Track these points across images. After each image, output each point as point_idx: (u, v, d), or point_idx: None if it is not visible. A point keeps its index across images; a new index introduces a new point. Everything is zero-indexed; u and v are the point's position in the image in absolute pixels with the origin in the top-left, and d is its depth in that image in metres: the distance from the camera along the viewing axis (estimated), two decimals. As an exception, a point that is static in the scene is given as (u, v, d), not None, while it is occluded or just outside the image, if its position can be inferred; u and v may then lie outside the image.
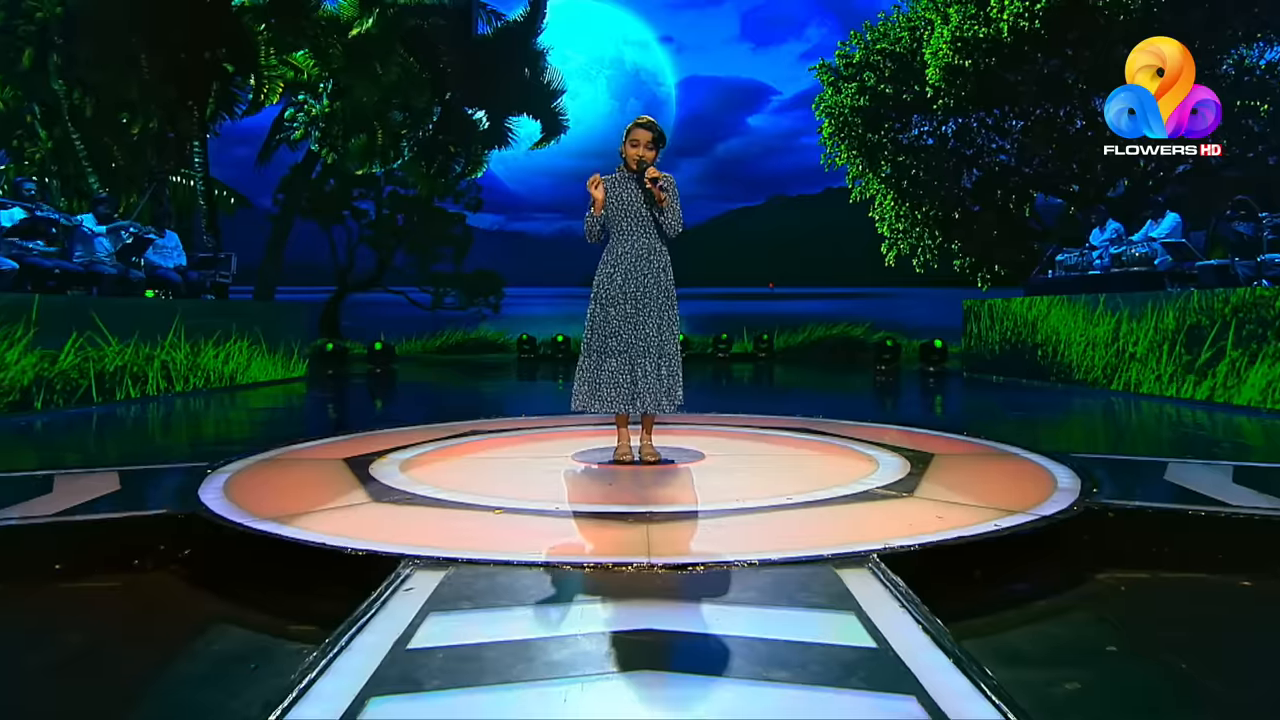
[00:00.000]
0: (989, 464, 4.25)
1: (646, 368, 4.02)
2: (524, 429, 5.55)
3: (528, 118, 18.20)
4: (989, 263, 15.72)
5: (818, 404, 8.48)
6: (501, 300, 19.64)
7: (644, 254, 4.09)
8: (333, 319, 18.17)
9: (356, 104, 15.36)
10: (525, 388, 11.16)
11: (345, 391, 10.22)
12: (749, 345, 16.28)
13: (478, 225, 20.05)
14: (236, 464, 4.21)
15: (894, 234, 16.35)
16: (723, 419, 6.01)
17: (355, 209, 18.86)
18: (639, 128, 4.06)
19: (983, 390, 9.72)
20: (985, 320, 11.19)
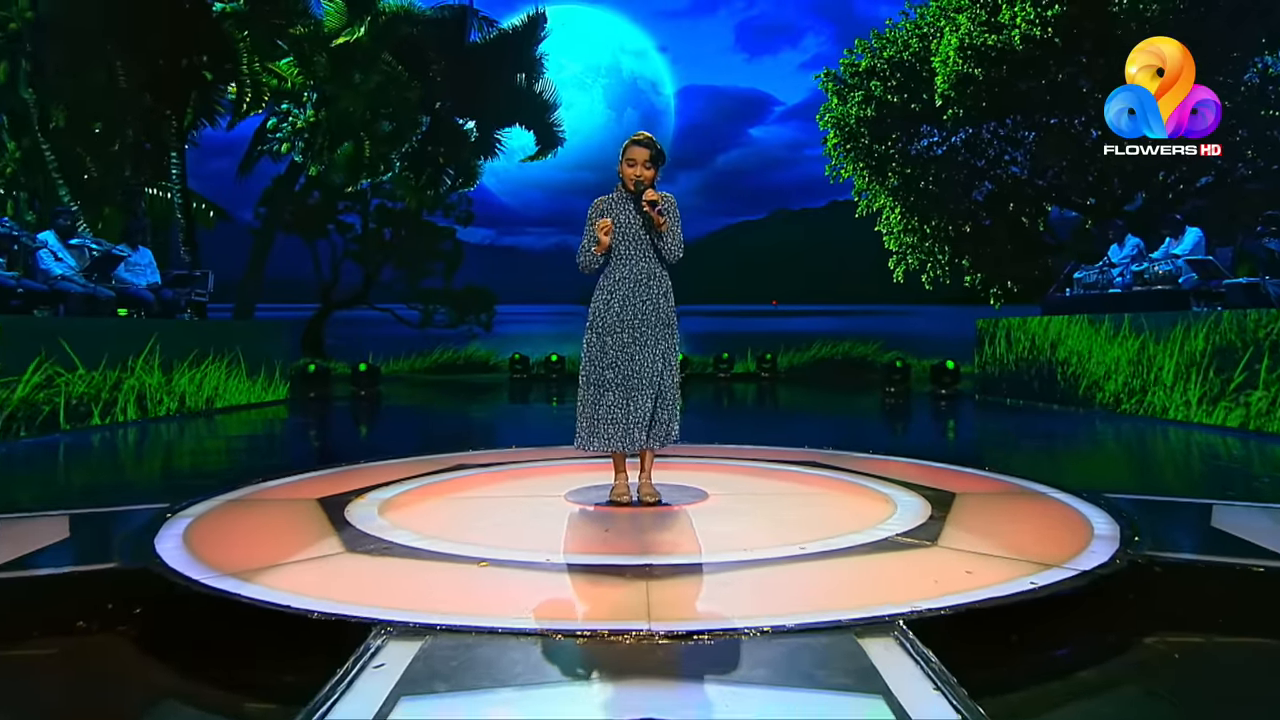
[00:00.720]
0: (1016, 506, 4.07)
1: (643, 402, 3.88)
2: (514, 462, 5.37)
3: (520, 128, 18.11)
4: (1001, 279, 15.59)
5: (825, 429, 8.36)
6: (493, 318, 19.53)
7: (643, 279, 3.95)
8: (316, 337, 18.02)
9: (342, 114, 15.24)
10: (517, 412, 10.99)
11: (327, 416, 10.04)
12: (751, 365, 16.21)
13: (468, 240, 19.99)
14: (201, 505, 4.02)
15: (902, 249, 16.21)
16: (726, 451, 5.83)
17: (340, 223, 18.74)
18: (636, 145, 3.92)
19: (998, 415, 9.57)
20: (1000, 341, 11.04)
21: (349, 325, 19.67)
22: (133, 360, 8.26)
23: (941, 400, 11.30)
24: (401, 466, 5.18)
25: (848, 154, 15.91)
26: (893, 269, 16.41)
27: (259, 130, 15.74)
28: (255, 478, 4.75)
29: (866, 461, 5.32)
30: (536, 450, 5.87)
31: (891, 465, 5.18)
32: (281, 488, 4.55)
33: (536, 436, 7.92)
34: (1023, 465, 5.60)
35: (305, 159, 15.33)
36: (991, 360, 11.23)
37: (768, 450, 5.86)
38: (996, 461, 5.72)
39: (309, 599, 2.64)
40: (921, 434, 8.43)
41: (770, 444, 6.47)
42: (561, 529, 3.64)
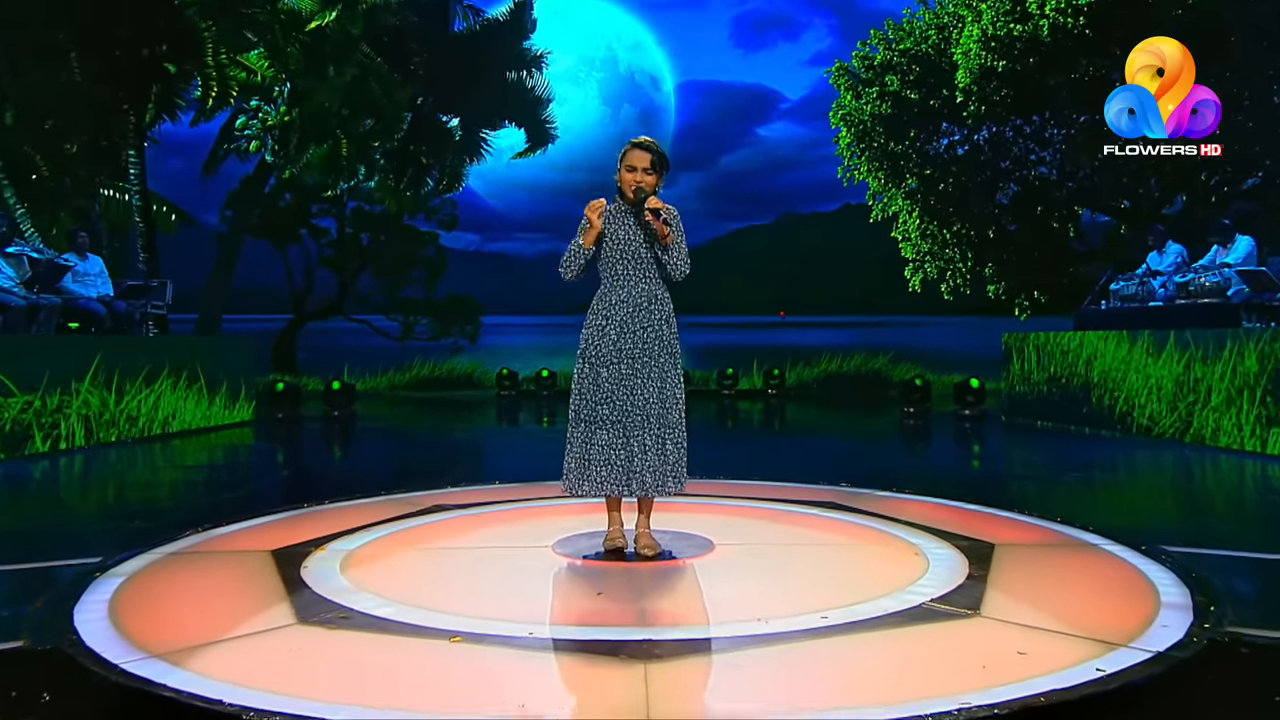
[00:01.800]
0: (1064, 562, 3.82)
1: (646, 441, 3.66)
2: (496, 503, 5.12)
3: (510, 125, 17.91)
4: (1027, 288, 15.47)
5: (839, 455, 8.20)
6: (479, 330, 19.39)
7: (642, 303, 3.74)
8: (287, 351, 17.79)
9: (316, 109, 15.02)
10: (505, 435, 10.85)
11: (295, 441, 9.84)
12: (757, 380, 16.15)
13: (452, 246, 19.88)
14: (136, 561, 3.76)
15: (920, 256, 16.13)
16: (733, 489, 5.58)
17: (314, 227, 18.54)
18: (636, 149, 3.73)
19: (1028, 439, 9.38)
20: (1029, 357, 10.84)
21: (323, 338, 19.50)
22: (78, 380, 8.00)
23: (965, 421, 11.12)
24: (370, 508, 4.93)
25: (861, 154, 15.84)
26: (909, 278, 16.33)
27: (225, 127, 15.56)
28: (204, 522, 4.49)
29: (890, 503, 5.07)
30: (522, 488, 5.62)
31: (919, 507, 4.95)
32: (232, 536, 4.29)
33: (525, 464, 7.77)
34: (1063, 503, 5.41)
35: (276, 158, 15.11)
36: (1019, 378, 11.03)
37: (780, 488, 5.61)
38: (1033, 499, 5.54)
39: (245, 690, 2.38)
40: (946, 462, 8.24)
41: (780, 473, 6.26)
42: (547, 590, 3.39)
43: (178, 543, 4.10)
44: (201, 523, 4.48)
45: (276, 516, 4.73)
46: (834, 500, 5.09)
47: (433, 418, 12.84)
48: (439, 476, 6.43)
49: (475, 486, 5.72)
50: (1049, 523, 4.50)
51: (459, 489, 5.61)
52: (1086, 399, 9.64)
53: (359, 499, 5.21)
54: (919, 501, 5.15)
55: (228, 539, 4.23)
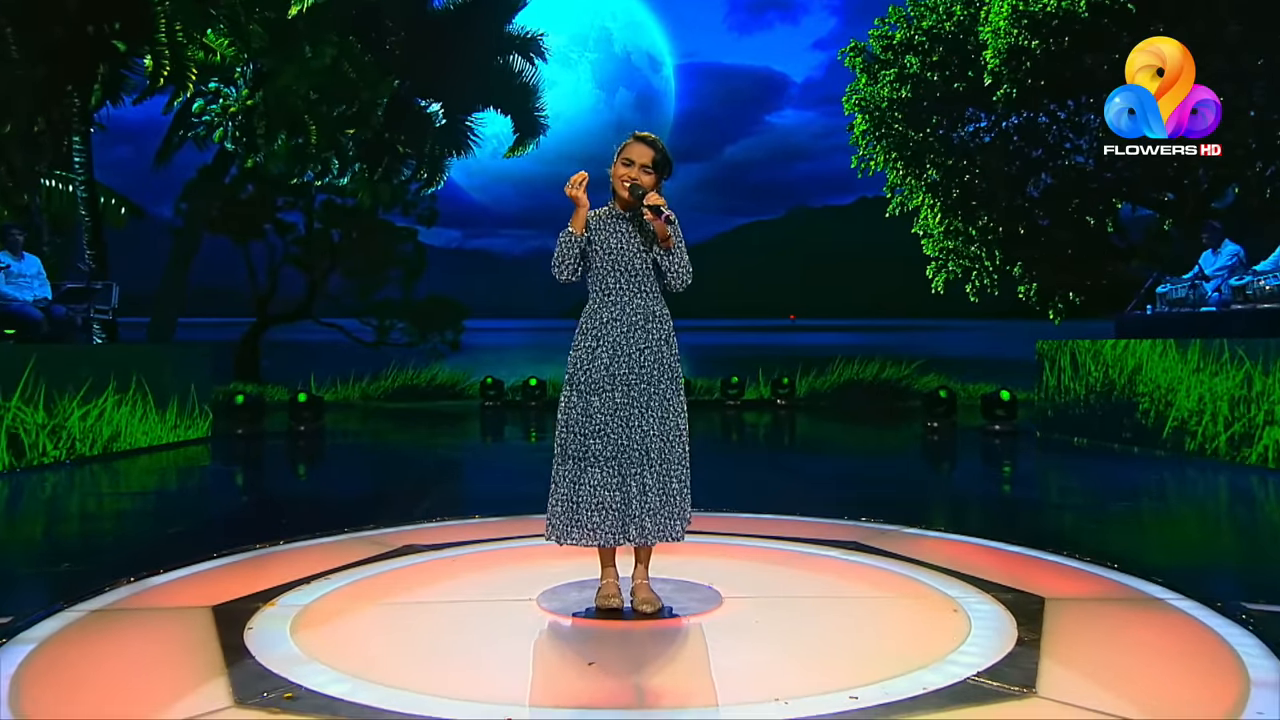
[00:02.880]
0: (1128, 623, 3.58)
1: (645, 481, 3.47)
2: (475, 543, 4.89)
3: (495, 113, 17.73)
4: (1061, 289, 15.42)
5: (858, 478, 8.08)
6: (461, 334, 19.26)
7: (639, 321, 3.55)
8: (249, 359, 17.63)
9: (282, 93, 14.79)
10: (488, 453, 10.74)
11: (255, 461, 9.65)
12: (765, 390, 16.12)
13: (432, 243, 19.85)
14: (52, 622, 3.51)
15: (942, 254, 16.09)
16: (741, 524, 5.37)
17: (279, 221, 18.35)
18: (639, 142, 3.57)
19: (1067, 460, 9.21)
20: (1065, 367, 10.66)
21: (289, 344, 19.46)
22: (7, 395, 7.75)
23: (996, 438, 10.95)
24: (332, 549, 4.71)
25: (878, 142, 15.77)
26: (931, 277, 16.29)
27: (181, 111, 15.36)
28: (141, 567, 4.25)
29: (920, 543, 4.87)
30: (504, 523, 5.41)
31: (952, 548, 4.75)
32: (171, 587, 4.05)
33: (509, 487, 7.62)
34: (1115, 541, 5.23)
35: (237, 146, 14.89)
36: (1056, 390, 10.83)
37: (794, 524, 5.40)
38: (1080, 535, 5.35)
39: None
40: (977, 487, 8.05)
41: (792, 501, 6.16)
42: (530, 659, 3.17)
43: (106, 596, 3.85)
44: (139, 566, 4.25)
45: (224, 561, 4.50)
46: (856, 540, 4.88)
47: (409, 432, 12.71)
48: (413, 505, 6.25)
49: (452, 521, 5.52)
50: (1104, 570, 4.27)
51: (433, 524, 5.41)
52: (1131, 414, 9.45)
53: (320, 537, 5.00)
54: (952, 541, 4.96)
55: (165, 591, 3.98)
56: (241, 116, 14.65)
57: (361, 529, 5.19)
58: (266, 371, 17.57)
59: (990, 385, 15.44)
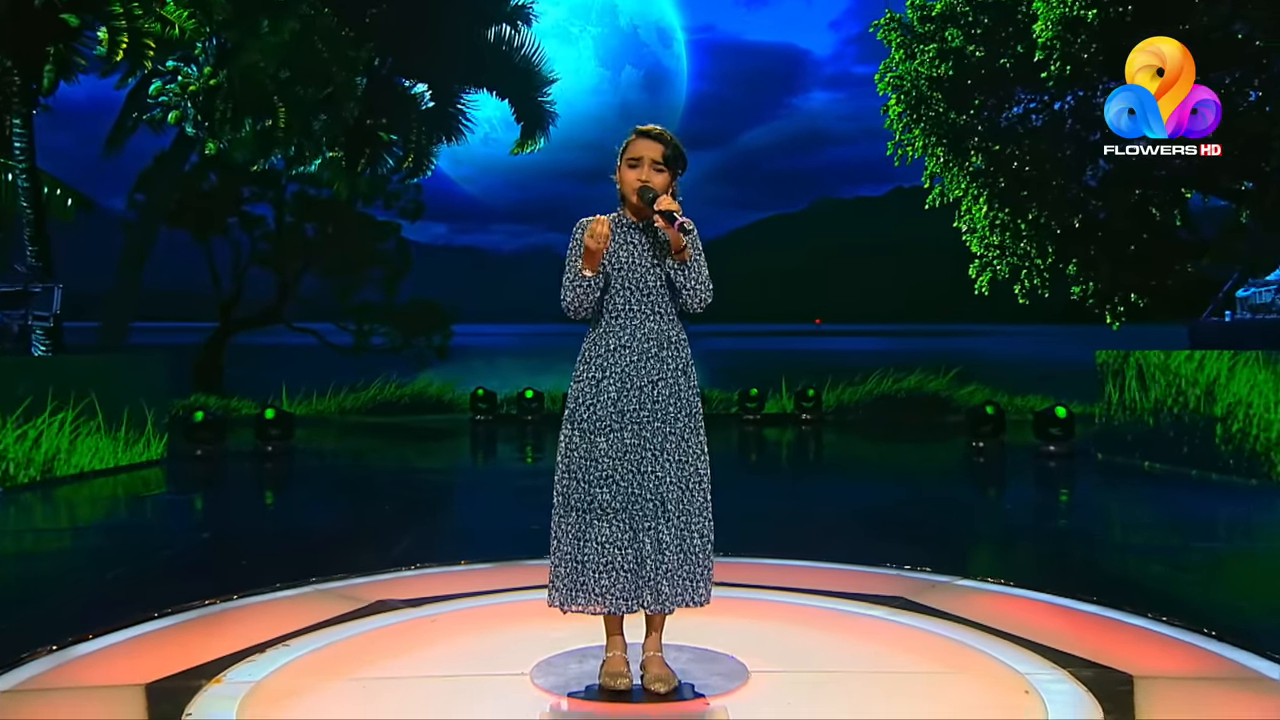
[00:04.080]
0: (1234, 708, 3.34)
1: (662, 537, 3.28)
2: (460, 597, 4.70)
3: (490, 95, 17.54)
4: (1121, 290, 15.17)
5: (896, 510, 7.92)
6: (449, 340, 19.19)
7: (651, 349, 3.36)
8: (212, 369, 17.49)
9: (249, 71, 14.64)
10: (479, 478, 10.66)
11: (214, 489, 9.53)
12: (788, 403, 16.11)
13: (416, 239, 19.83)
14: (-44, 706, 3.27)
15: (988, 250, 15.86)
16: (765, 572, 5.18)
17: (245, 215, 18.26)
18: (643, 138, 3.38)
19: (1136, 488, 9.02)
20: (1130, 381, 10.45)
21: (257, 352, 19.41)
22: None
23: (1051, 460, 10.81)
24: (293, 606, 4.52)
25: (916, 126, 15.59)
26: (975, 277, 16.08)
27: (134, 91, 15.24)
28: (64, 633, 4.03)
29: (976, 599, 4.65)
30: (496, 570, 5.24)
31: (1015, 607, 4.54)
32: (99, 657, 3.85)
33: (503, 520, 7.49)
34: (1205, 594, 5.01)
35: (198, 131, 14.74)
36: (1120, 407, 10.62)
37: (827, 572, 5.22)
38: (1164, 584, 5.17)
39: None
40: (1036, 521, 7.79)
41: (821, 540, 6.10)
42: (521, 758, 2.95)
43: (18, 672, 3.63)
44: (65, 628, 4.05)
45: (167, 621, 4.30)
46: (902, 595, 4.68)
47: (390, 451, 12.66)
48: (390, 544, 6.10)
49: (434, 569, 5.33)
50: (1200, 638, 4.01)
51: (412, 573, 5.22)
52: (1209, 436, 9.26)
53: (281, 589, 4.81)
54: (1014, 596, 4.74)
55: (92, 663, 3.77)
56: (203, 97, 14.47)
57: (329, 579, 4.99)
58: (231, 383, 17.43)
59: (1041, 398, 15.36)
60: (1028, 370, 19.14)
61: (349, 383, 17.01)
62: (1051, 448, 11.07)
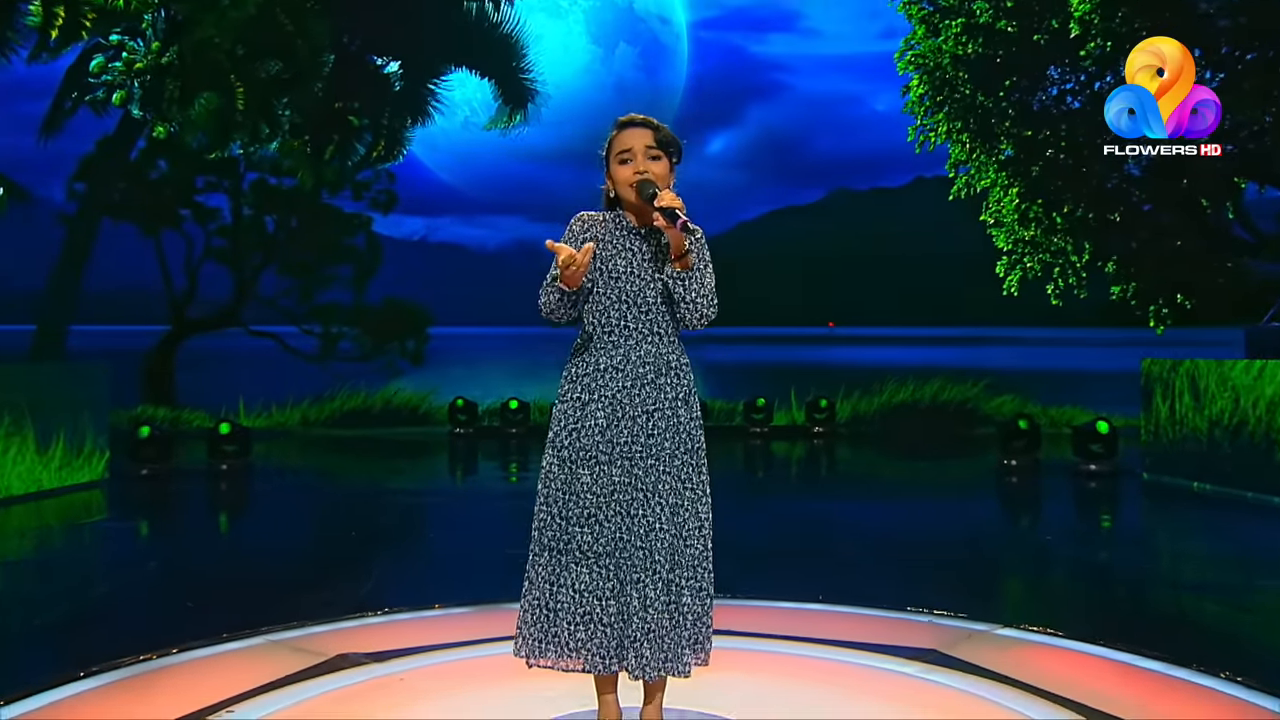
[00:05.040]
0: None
1: (649, 592, 3.15)
2: (435, 649, 4.57)
3: (470, 74, 17.41)
4: (1167, 290, 15.02)
5: (922, 540, 7.75)
6: (425, 345, 19.09)
7: (648, 373, 3.25)
8: (161, 377, 17.36)
9: (202, 47, 14.50)
10: (458, 499, 10.56)
11: (159, 516, 9.40)
12: (798, 414, 16.09)
13: (389, 233, 19.72)
14: None
15: (1018, 246, 15.78)
16: (776, 617, 5.08)
17: (199, 207, 18.13)
18: (627, 129, 3.29)
19: (1189, 513, 8.97)
20: (1181, 392, 10.41)
21: (212, 358, 19.40)
22: None
23: (1091, 480, 10.75)
24: (241, 662, 4.38)
25: (940, 109, 15.52)
26: (1004, 276, 16.00)
27: (74, 69, 15.10)
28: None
29: (1020, 652, 4.53)
30: (475, 615, 5.14)
31: (1064, 661, 4.43)
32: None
33: (483, 551, 7.29)
34: None
35: (146, 113, 14.58)
36: (1169, 422, 10.54)
37: (846, 618, 5.10)
38: (1229, 630, 5.09)
39: None
40: (1078, 553, 7.65)
41: (838, 577, 6.11)
42: None
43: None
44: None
45: (92, 683, 4.13)
46: (933, 647, 4.56)
47: (358, 469, 12.62)
48: (356, 580, 6.02)
49: (405, 614, 5.19)
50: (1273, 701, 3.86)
51: (380, 619, 5.10)
52: (1268, 455, 9.17)
53: (228, 641, 4.65)
54: (1060, 648, 4.62)
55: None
56: (150, 76, 14.29)
57: (284, 627, 4.84)
58: (182, 393, 17.30)
59: (1077, 410, 15.30)
60: (1062, 379, 19.13)
61: (313, 392, 16.92)
62: (1092, 466, 11.01)
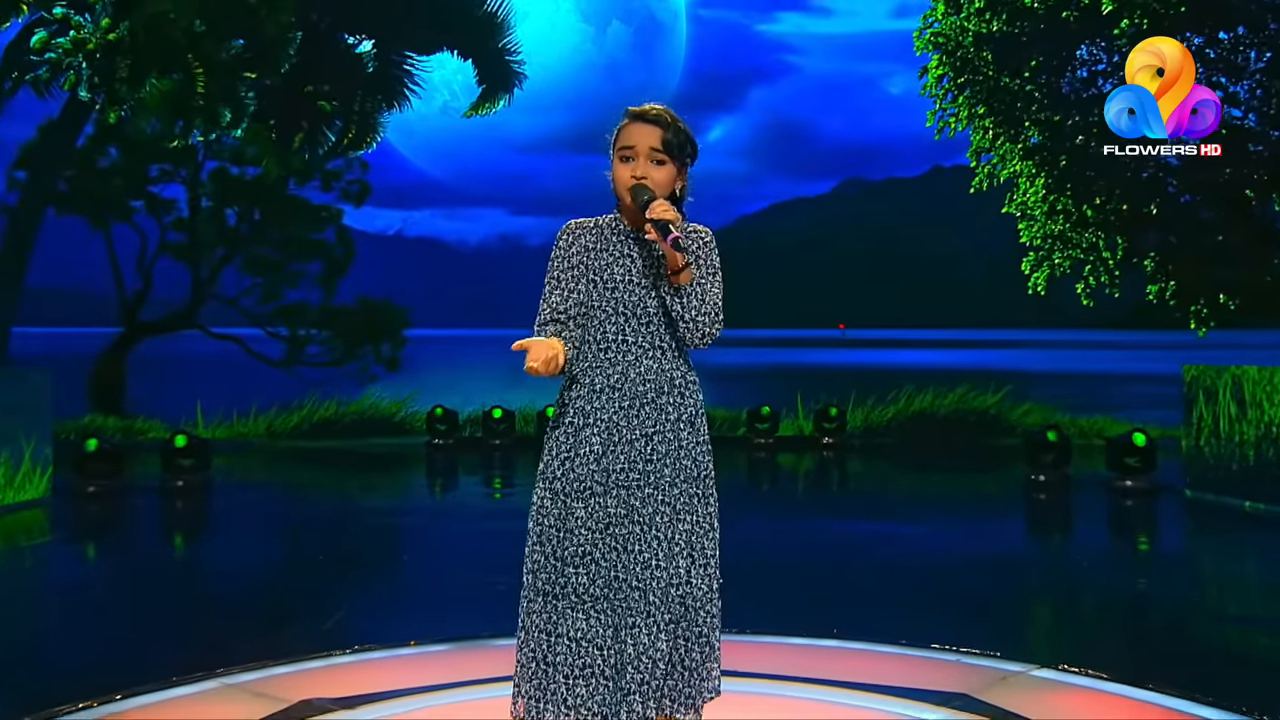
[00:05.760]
0: None
1: (643, 640, 3.05)
2: (411, 694, 4.48)
3: (450, 54, 17.39)
4: (1208, 289, 15.04)
5: (944, 564, 7.71)
6: (401, 349, 19.05)
7: (649, 392, 3.15)
8: (112, 384, 17.30)
9: (157, 22, 14.42)
10: (436, 519, 10.60)
11: (107, 539, 9.39)
12: (806, 424, 16.18)
13: (363, 227, 19.63)
14: None
15: (1046, 241, 15.80)
16: (788, 654, 5.05)
17: (153, 198, 18.06)
18: (635, 122, 3.16)
19: (1238, 536, 8.95)
20: (1226, 401, 10.44)
21: (167, 363, 19.28)
22: None
23: (1127, 497, 10.74)
24: (191, 710, 4.29)
25: (961, 92, 15.56)
26: (1030, 273, 16.05)
27: (14, 47, 15.06)
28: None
29: (1061, 696, 4.48)
30: (455, 654, 5.06)
31: (1114, 708, 4.38)
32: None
33: (467, 577, 7.22)
34: None
35: (95, 95, 14.49)
36: (1213, 433, 10.57)
37: (865, 656, 5.06)
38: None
39: None
40: (1117, 582, 7.57)
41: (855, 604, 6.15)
42: None
43: None
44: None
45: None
46: (964, 692, 4.49)
47: (328, 485, 12.64)
48: (323, 611, 5.97)
49: (377, 653, 5.11)
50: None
51: (349, 657, 5.03)
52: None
53: (178, 685, 4.56)
54: (1103, 693, 4.57)
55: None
56: (99, 54, 14.21)
57: (242, 668, 4.76)
58: (135, 401, 17.24)
59: (1109, 419, 15.22)
60: (1093, 385, 19.14)
61: (278, 400, 16.91)
62: (1128, 482, 11.07)
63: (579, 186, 3.41)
